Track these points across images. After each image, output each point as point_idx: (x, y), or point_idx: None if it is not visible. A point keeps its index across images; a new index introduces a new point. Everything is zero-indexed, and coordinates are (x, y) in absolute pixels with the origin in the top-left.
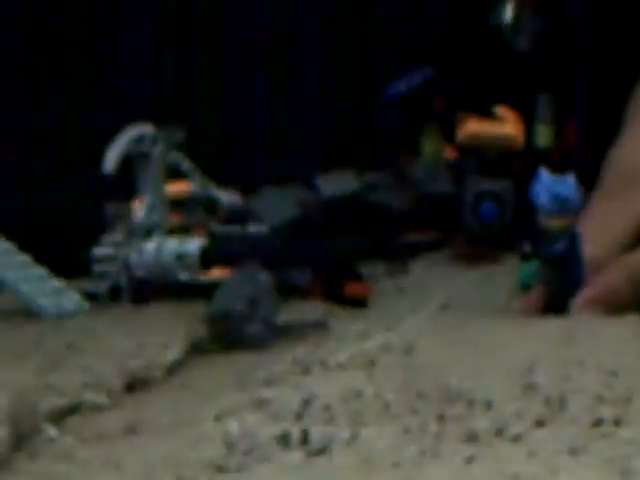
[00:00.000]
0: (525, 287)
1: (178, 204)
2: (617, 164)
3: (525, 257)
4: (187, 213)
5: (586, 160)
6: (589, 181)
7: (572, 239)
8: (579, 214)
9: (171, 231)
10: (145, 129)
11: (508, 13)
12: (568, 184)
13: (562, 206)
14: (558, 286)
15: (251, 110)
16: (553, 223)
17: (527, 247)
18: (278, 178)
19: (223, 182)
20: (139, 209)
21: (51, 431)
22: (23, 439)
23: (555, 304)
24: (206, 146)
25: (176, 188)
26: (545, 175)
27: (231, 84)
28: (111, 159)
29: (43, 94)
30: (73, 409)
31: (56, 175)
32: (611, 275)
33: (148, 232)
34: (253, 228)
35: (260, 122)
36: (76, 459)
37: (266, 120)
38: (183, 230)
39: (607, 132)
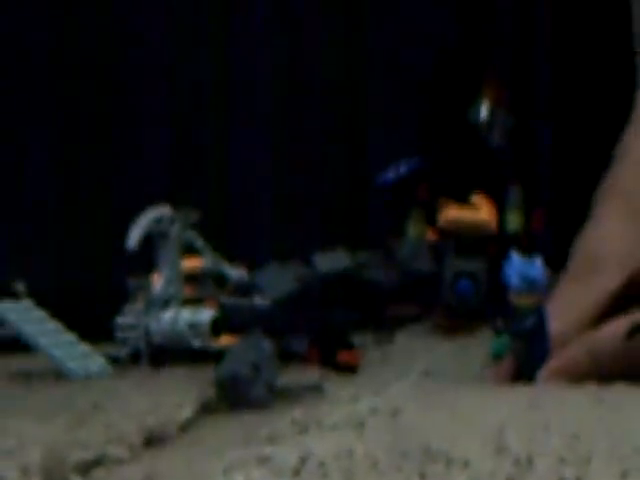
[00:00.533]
0: (497, 357)
1: (192, 278)
2: (583, 251)
3: (498, 331)
4: (200, 286)
5: (551, 244)
6: (554, 262)
7: (540, 315)
8: (546, 293)
9: (185, 302)
10: (163, 210)
11: (484, 112)
12: (536, 266)
13: (531, 286)
14: (527, 358)
15: (253, 194)
16: (522, 301)
17: (500, 322)
18: (279, 255)
19: (230, 258)
20: (157, 282)
21: None
22: None
23: (524, 374)
24: (214, 226)
25: (190, 264)
26: (516, 258)
27: (235, 169)
28: (134, 237)
29: (75, 174)
30: (98, 462)
31: (84, 250)
32: (573, 349)
33: (165, 303)
34: (257, 301)
35: (262, 204)
36: None
37: (267, 203)
38: (196, 301)
39: (570, 219)
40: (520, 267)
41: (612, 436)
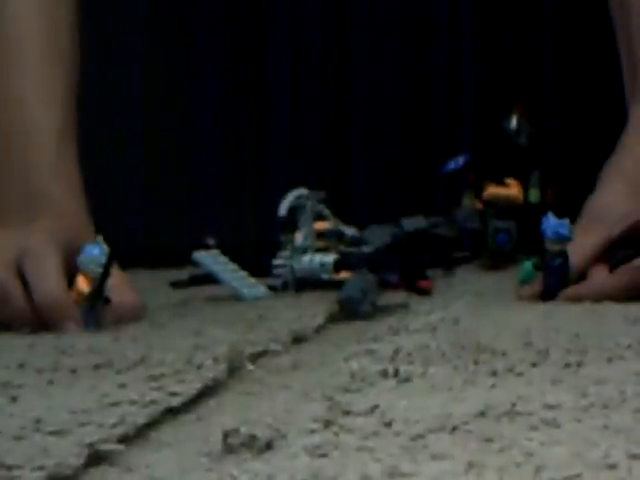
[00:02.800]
0: (523, 282)
1: (321, 235)
2: (590, 211)
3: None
4: (327, 240)
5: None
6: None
7: (564, 256)
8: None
9: (317, 250)
10: (302, 191)
11: (514, 122)
12: (565, 224)
13: (560, 237)
14: (553, 283)
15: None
16: (554, 247)
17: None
18: (378, 219)
19: (346, 221)
20: (299, 238)
21: (250, 366)
22: (234, 370)
23: (548, 294)
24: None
25: (320, 226)
26: (552, 218)
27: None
28: (283, 208)
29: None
30: (263, 353)
31: (252, 216)
32: (584, 286)
33: (304, 250)
34: (364, 249)
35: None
36: (264, 383)
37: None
38: (324, 250)
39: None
40: (554, 225)
41: (601, 334)
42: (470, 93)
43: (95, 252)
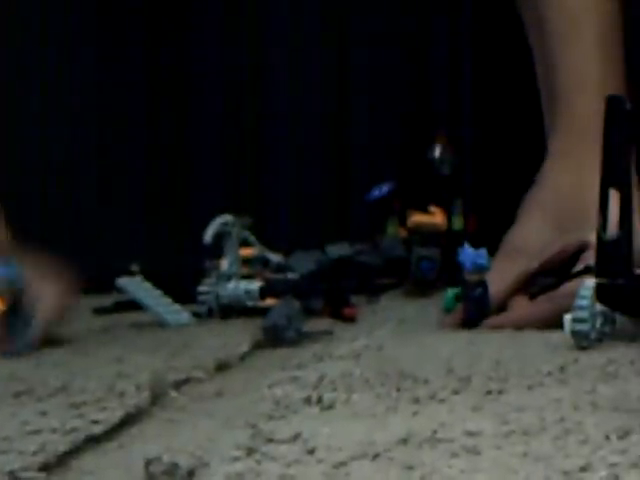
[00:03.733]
0: (447, 311)
1: (247, 261)
2: (510, 242)
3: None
4: (252, 266)
5: (480, 238)
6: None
7: (484, 286)
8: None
9: (242, 277)
10: (227, 217)
11: (437, 152)
12: (482, 255)
13: (479, 268)
14: (474, 311)
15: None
16: (473, 278)
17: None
18: (303, 246)
19: (271, 248)
20: (224, 264)
21: (173, 393)
22: (157, 398)
23: (469, 324)
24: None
25: (245, 252)
26: (468, 249)
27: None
28: (209, 234)
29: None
30: (186, 381)
31: (175, 242)
32: (505, 316)
33: (229, 277)
34: (290, 275)
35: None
36: (187, 411)
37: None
38: (249, 277)
39: (494, 222)
40: (471, 256)
41: (522, 362)
42: (394, 123)
43: (2, 272)
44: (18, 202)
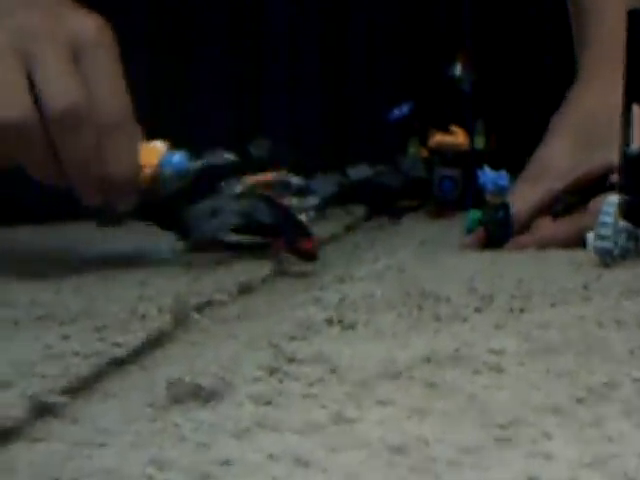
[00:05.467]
0: (469, 231)
1: (268, 185)
2: (536, 163)
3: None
4: (273, 190)
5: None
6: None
7: (506, 208)
8: (508, 192)
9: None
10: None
11: (458, 69)
12: (503, 176)
13: (500, 190)
14: (496, 233)
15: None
16: (494, 200)
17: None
18: (325, 168)
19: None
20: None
21: (196, 316)
22: (179, 321)
23: (492, 245)
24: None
25: (266, 176)
26: (488, 171)
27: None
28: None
29: None
30: (208, 303)
31: None
32: (529, 236)
33: None
34: (311, 199)
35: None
36: (209, 333)
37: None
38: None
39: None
40: (492, 177)
41: (545, 279)
42: (414, 42)
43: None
44: None
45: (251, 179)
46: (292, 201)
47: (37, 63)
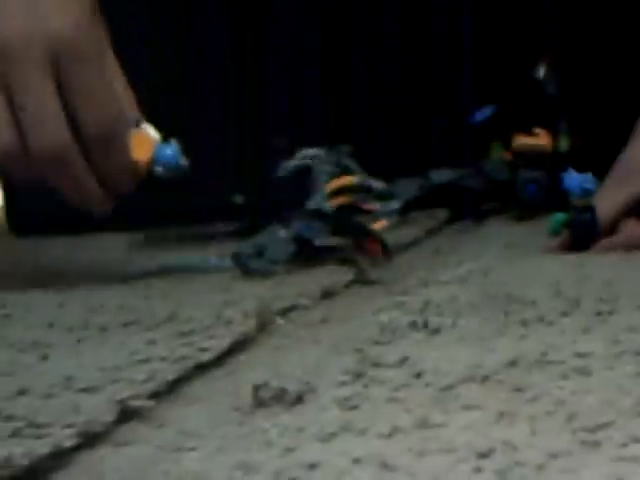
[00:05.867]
0: (553, 234)
1: (347, 189)
2: (622, 165)
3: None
4: (352, 195)
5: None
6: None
7: (592, 210)
8: (594, 195)
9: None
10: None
11: (542, 71)
12: (589, 179)
13: (586, 192)
14: (582, 236)
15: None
16: (580, 203)
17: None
18: (405, 172)
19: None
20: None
21: (280, 321)
22: (264, 325)
23: (577, 246)
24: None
25: (346, 180)
26: (574, 174)
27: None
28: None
29: None
30: (291, 308)
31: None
32: (615, 238)
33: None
34: (394, 203)
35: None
36: (293, 338)
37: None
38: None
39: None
40: (578, 181)
41: (632, 282)
42: (498, 45)
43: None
44: None
45: (334, 182)
46: (374, 206)
47: (18, 93)
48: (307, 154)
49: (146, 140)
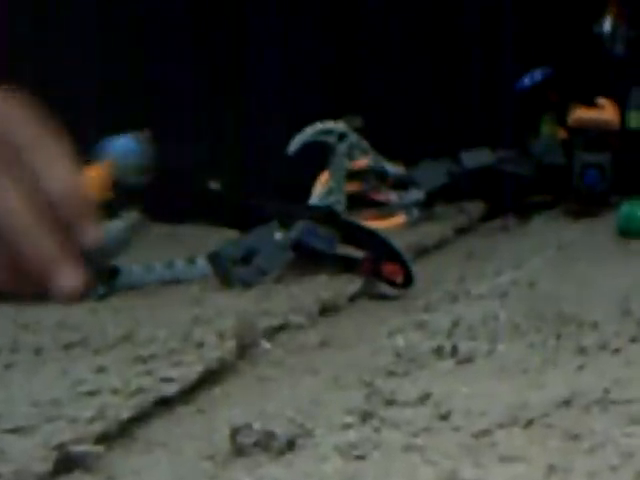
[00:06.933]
0: (622, 232)
1: (358, 174)
2: None
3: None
4: (364, 182)
5: None
6: None
7: None
8: None
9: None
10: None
11: (607, 26)
12: None
13: None
14: None
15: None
16: None
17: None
18: (431, 153)
19: (390, 157)
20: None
21: (266, 344)
22: (245, 350)
23: None
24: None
25: (356, 164)
26: None
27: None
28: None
29: None
30: (281, 327)
31: None
32: None
33: None
34: (414, 193)
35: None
36: (283, 366)
37: (417, 106)
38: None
39: None
40: None
41: None
42: None
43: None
44: None
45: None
46: (389, 196)
47: None
48: (325, 128)
49: (96, 175)
